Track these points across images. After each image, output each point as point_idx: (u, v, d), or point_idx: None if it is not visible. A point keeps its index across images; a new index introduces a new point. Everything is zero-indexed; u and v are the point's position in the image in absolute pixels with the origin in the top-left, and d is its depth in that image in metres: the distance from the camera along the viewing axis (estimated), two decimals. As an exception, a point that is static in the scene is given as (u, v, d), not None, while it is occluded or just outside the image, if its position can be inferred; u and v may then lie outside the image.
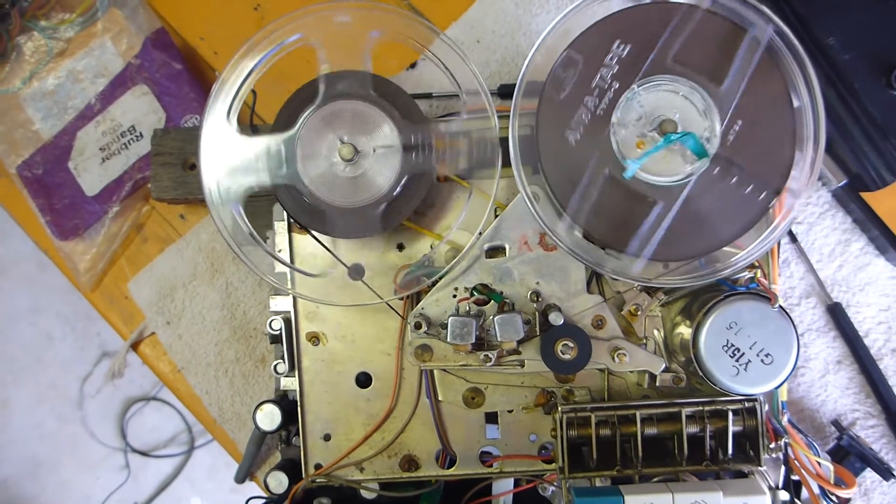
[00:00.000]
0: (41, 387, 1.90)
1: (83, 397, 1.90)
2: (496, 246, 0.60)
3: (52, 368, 1.90)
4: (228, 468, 1.89)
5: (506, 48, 0.72)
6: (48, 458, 1.90)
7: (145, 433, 1.90)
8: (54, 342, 1.89)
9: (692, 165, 0.55)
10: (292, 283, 0.61)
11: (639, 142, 0.55)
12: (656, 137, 0.54)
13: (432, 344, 0.59)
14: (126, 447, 1.90)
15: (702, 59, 0.54)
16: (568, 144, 0.55)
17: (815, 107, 0.54)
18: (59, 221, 0.75)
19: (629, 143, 0.55)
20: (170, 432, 1.90)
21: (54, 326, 1.89)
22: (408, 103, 0.58)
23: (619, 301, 0.60)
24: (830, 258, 0.69)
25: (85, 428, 1.90)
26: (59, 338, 1.89)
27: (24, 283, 1.87)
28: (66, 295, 1.87)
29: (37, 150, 0.75)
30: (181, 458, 1.91)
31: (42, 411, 1.90)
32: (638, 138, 0.55)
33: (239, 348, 0.73)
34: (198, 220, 0.75)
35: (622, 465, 0.57)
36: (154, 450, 1.91)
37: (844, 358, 0.69)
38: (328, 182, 0.57)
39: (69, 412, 1.90)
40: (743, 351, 0.54)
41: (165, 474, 1.91)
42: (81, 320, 1.88)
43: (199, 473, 1.91)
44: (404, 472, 0.62)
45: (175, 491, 1.91)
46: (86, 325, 1.88)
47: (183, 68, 0.74)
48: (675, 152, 0.55)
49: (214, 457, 1.90)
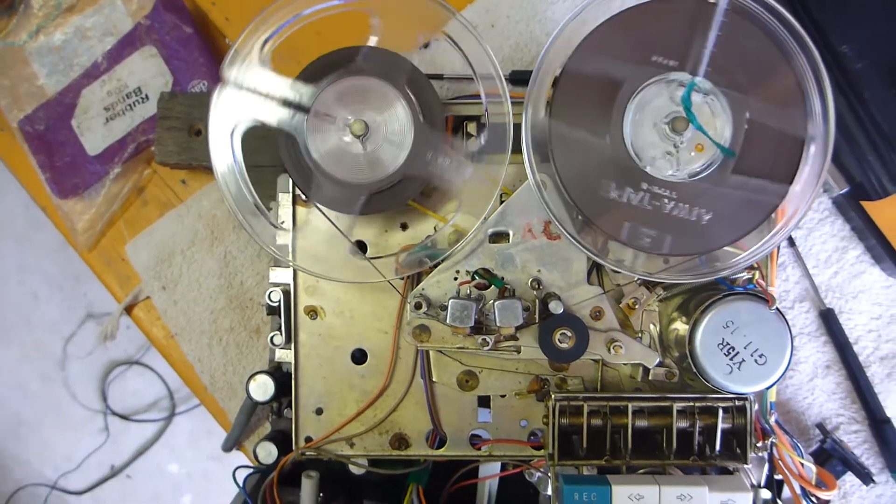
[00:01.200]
0: (26, 346, 1.89)
1: (67, 358, 1.89)
2: (500, 231, 0.60)
3: (37, 328, 1.89)
4: (209, 436, 1.89)
5: (520, 34, 0.72)
6: (30, 417, 1.90)
7: (127, 397, 1.90)
8: (40, 301, 1.88)
9: (699, 164, 0.55)
10: (293, 255, 0.61)
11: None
12: (668, 133, 0.55)
13: (431, 325, 0.59)
14: (107, 410, 1.90)
15: (729, 64, 0.54)
16: (580, 134, 0.55)
17: (827, 117, 0.54)
18: (59, 179, 0.74)
19: (641, 136, 0.55)
20: (151, 397, 1.91)
21: (41, 286, 1.88)
22: (435, 107, 0.58)
23: (617, 294, 0.61)
24: (827, 264, 0.70)
25: (67, 389, 1.90)
26: (46, 297, 1.88)
27: (14, 241, 1.86)
28: (54, 255, 1.86)
29: (40, 105, 0.74)
30: (161, 423, 1.91)
31: (26, 371, 1.90)
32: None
33: (234, 318, 0.73)
34: (200, 186, 0.74)
35: (611, 455, 0.57)
36: (134, 414, 1.91)
37: (833, 363, 0.70)
38: (334, 152, 0.57)
39: (52, 372, 1.90)
40: (738, 350, 0.55)
41: (145, 439, 1.91)
42: (69, 280, 1.87)
43: (179, 440, 1.91)
44: (394, 449, 0.62)
45: (153, 456, 1.91)
46: (73, 286, 1.87)
47: (193, 32, 0.73)
48: (685, 150, 0.55)
49: (195, 424, 1.91)
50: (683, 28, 0.54)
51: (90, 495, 1.90)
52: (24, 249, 1.87)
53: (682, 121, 0.54)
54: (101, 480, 1.90)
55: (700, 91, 0.54)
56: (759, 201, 0.55)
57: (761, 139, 0.55)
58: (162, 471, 1.92)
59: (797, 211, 0.56)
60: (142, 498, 1.92)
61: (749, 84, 0.54)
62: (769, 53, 0.54)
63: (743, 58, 0.54)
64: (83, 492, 1.90)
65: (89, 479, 1.90)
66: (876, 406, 0.69)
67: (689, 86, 0.54)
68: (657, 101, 0.55)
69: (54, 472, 1.90)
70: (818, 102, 0.55)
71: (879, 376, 0.70)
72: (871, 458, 0.70)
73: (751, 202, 0.55)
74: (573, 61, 0.55)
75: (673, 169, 0.55)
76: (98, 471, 1.91)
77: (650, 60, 0.55)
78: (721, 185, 0.55)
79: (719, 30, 0.54)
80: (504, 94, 0.57)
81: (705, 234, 0.55)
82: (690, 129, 0.54)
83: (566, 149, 0.55)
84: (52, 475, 1.90)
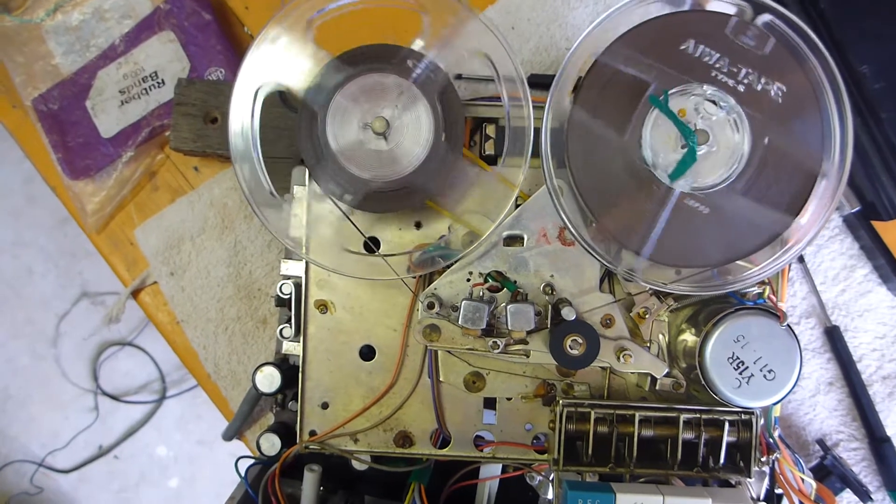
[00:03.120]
0: (17, 321, 1.88)
1: (59, 335, 1.88)
2: (514, 235, 0.60)
3: (30, 303, 1.88)
4: (197, 420, 1.89)
5: (540, 37, 0.72)
6: (18, 392, 1.89)
7: (117, 378, 1.90)
8: (35, 277, 1.87)
9: (716, 177, 0.55)
10: (307, 248, 0.61)
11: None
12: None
13: (441, 325, 0.59)
14: (97, 389, 1.89)
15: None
16: (599, 142, 0.55)
17: (845, 139, 0.55)
18: (71, 160, 0.74)
19: (659, 146, 0.55)
20: (142, 379, 1.90)
21: (37, 261, 1.87)
22: (458, 125, 0.58)
23: (628, 303, 0.61)
24: (834, 282, 0.70)
25: (58, 366, 1.89)
26: (41, 273, 1.87)
27: (11, 215, 1.85)
28: (51, 231, 1.85)
29: (55, 84, 0.74)
30: (151, 406, 1.91)
31: (16, 345, 1.89)
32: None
33: (241, 307, 0.73)
34: (212, 174, 0.74)
35: (615, 463, 0.58)
36: (125, 395, 1.90)
37: (836, 380, 0.70)
38: (351, 142, 0.57)
39: (43, 349, 1.89)
40: (747, 364, 0.55)
41: (134, 420, 1.91)
42: (65, 258, 1.86)
43: (168, 423, 1.91)
44: (398, 447, 0.63)
45: (142, 438, 1.91)
46: (69, 263, 1.86)
47: (212, 19, 0.73)
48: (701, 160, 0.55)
49: (184, 408, 1.90)
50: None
51: (77, 474, 1.90)
52: (21, 224, 1.85)
53: (702, 133, 0.55)
54: (88, 460, 1.90)
55: (724, 107, 0.55)
56: (773, 218, 0.55)
57: (778, 157, 0.55)
58: (150, 453, 1.92)
59: (811, 229, 0.56)
60: (128, 479, 1.92)
61: (772, 109, 0.54)
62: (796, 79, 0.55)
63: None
64: (70, 470, 1.89)
65: (76, 458, 1.90)
66: (876, 424, 0.69)
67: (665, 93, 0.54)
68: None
69: (41, 448, 1.89)
70: (838, 128, 0.55)
71: (881, 395, 0.70)
72: (870, 476, 0.70)
73: (764, 218, 0.55)
74: (602, 59, 0.55)
75: (687, 181, 0.55)
76: (86, 450, 1.90)
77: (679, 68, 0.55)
78: (735, 200, 0.55)
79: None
80: (525, 98, 0.57)
81: (714, 248, 0.56)
82: (707, 144, 0.55)
83: (584, 155, 0.55)
84: (38, 452, 1.89)
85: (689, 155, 0.54)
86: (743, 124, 0.55)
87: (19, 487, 1.88)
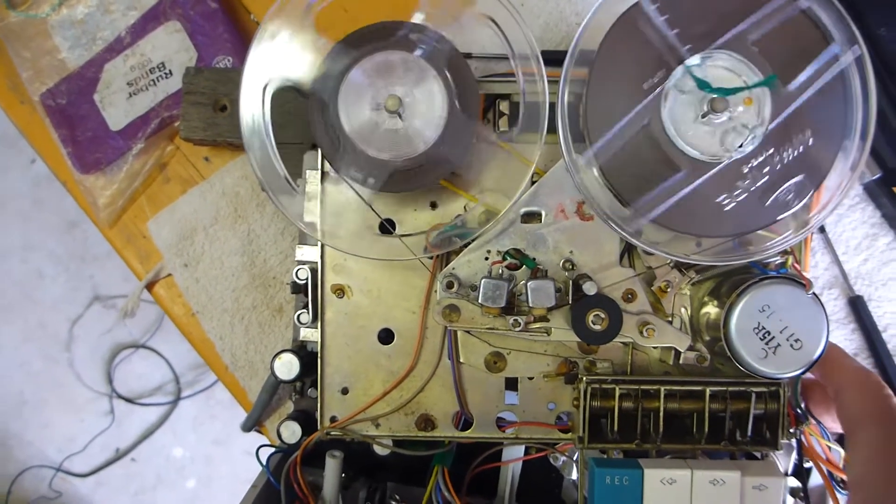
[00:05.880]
0: (29, 325, 1.89)
1: (72, 339, 1.89)
2: (532, 212, 0.59)
3: (41, 307, 1.88)
4: (213, 421, 1.89)
5: (549, 13, 0.71)
6: (33, 397, 1.90)
7: (132, 380, 1.90)
8: (45, 281, 1.88)
9: (725, 151, 0.54)
10: (322, 231, 0.60)
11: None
12: (705, 108, 0.54)
13: (460, 304, 0.58)
14: (112, 393, 1.89)
15: (780, 52, 0.54)
16: (616, 114, 0.54)
17: (868, 106, 0.54)
18: (81, 154, 0.73)
19: (678, 114, 0.54)
20: (156, 381, 1.90)
21: (46, 265, 1.88)
22: (471, 91, 0.57)
23: (649, 277, 0.60)
24: (856, 251, 0.69)
25: (72, 370, 1.89)
26: (51, 276, 1.88)
27: (19, 218, 1.85)
28: (60, 234, 1.85)
29: (62, 79, 0.73)
30: (166, 407, 1.91)
31: (29, 350, 1.89)
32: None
33: (257, 296, 0.72)
34: (223, 163, 0.73)
35: (641, 439, 0.57)
36: (140, 397, 1.91)
37: (861, 351, 0.70)
38: (365, 125, 0.56)
39: (57, 353, 1.89)
40: (773, 334, 0.54)
41: (149, 423, 1.91)
42: (74, 261, 1.86)
43: (184, 424, 1.91)
44: (420, 430, 0.62)
45: (158, 440, 1.91)
46: (79, 267, 1.86)
47: (218, 7, 0.72)
48: (720, 130, 0.54)
49: (199, 409, 1.91)
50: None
51: (94, 478, 1.90)
52: (29, 228, 1.86)
53: (720, 102, 0.54)
54: (105, 463, 1.90)
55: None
56: (794, 187, 0.55)
57: (799, 126, 0.54)
58: (166, 455, 1.92)
59: (833, 197, 0.55)
60: (146, 481, 1.92)
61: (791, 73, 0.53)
62: (813, 40, 0.54)
63: (789, 45, 0.54)
64: (88, 474, 1.90)
65: (93, 461, 1.90)
66: (903, 394, 0.68)
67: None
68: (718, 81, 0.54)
69: (57, 453, 1.90)
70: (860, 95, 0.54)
71: (907, 365, 0.69)
72: (897, 446, 0.69)
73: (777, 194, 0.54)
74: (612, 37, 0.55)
75: (710, 148, 0.54)
76: (102, 453, 1.91)
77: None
78: (755, 171, 0.54)
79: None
80: (540, 73, 0.56)
81: (735, 218, 0.55)
82: (727, 111, 0.54)
83: (603, 128, 0.54)
84: (55, 456, 1.90)
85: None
86: (765, 113, 0.54)
87: (38, 492, 1.89)
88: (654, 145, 0.54)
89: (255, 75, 0.56)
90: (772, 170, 0.54)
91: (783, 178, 0.54)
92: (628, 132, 0.54)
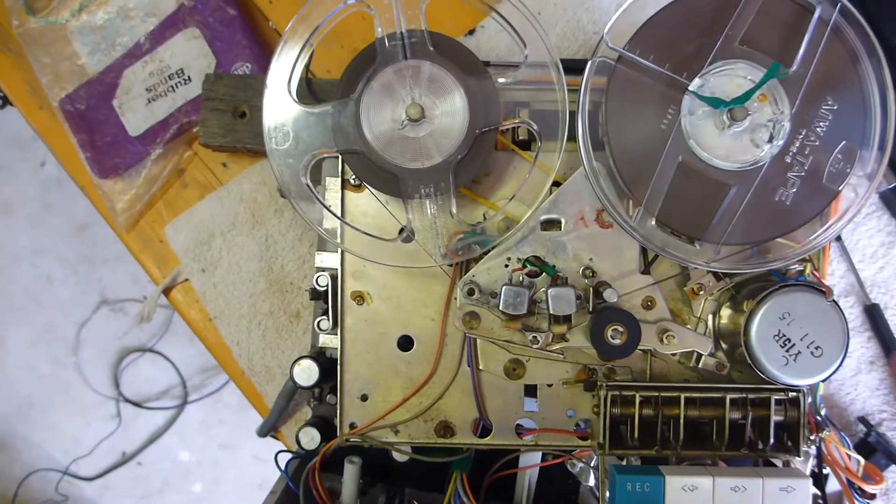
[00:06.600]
0: (38, 328, 1.89)
1: (79, 343, 1.89)
2: (552, 219, 0.60)
3: (49, 311, 1.88)
4: (220, 425, 1.89)
5: (566, 22, 0.71)
6: (40, 400, 1.90)
7: (139, 384, 1.90)
8: (54, 284, 1.88)
9: (761, 151, 0.55)
10: (342, 238, 0.60)
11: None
12: (726, 121, 0.54)
13: (480, 312, 0.59)
14: (119, 396, 1.89)
15: (770, 40, 0.54)
16: (637, 123, 0.55)
17: (887, 111, 0.54)
18: (100, 159, 0.74)
19: (698, 127, 0.55)
20: (163, 385, 1.90)
21: (55, 269, 1.88)
22: (491, 97, 0.57)
23: (683, 277, 0.60)
24: (873, 259, 0.70)
25: (79, 373, 1.89)
26: (60, 280, 1.88)
27: (28, 222, 1.85)
28: (69, 238, 1.85)
29: (81, 84, 0.74)
30: (173, 411, 1.91)
31: (37, 353, 1.89)
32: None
33: (274, 302, 0.73)
34: (241, 169, 0.74)
35: (661, 446, 0.57)
36: (146, 401, 1.90)
37: (878, 359, 0.70)
38: (393, 143, 0.56)
39: (64, 356, 1.89)
40: (794, 342, 0.54)
41: (156, 426, 1.91)
42: (83, 265, 1.87)
43: (190, 428, 1.91)
44: (439, 437, 0.62)
45: (165, 444, 1.91)
46: (87, 271, 1.87)
47: (237, 14, 0.73)
48: (747, 134, 0.55)
49: (206, 413, 1.90)
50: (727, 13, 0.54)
51: (101, 481, 1.90)
52: (39, 232, 1.86)
53: (740, 110, 0.54)
54: (112, 467, 1.90)
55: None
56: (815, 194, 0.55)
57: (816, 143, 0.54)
58: (173, 458, 1.92)
59: (852, 205, 0.56)
60: (152, 485, 1.92)
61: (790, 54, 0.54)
62: (795, 14, 0.54)
63: (785, 35, 0.54)
64: (94, 478, 1.90)
65: (100, 465, 1.90)
66: (920, 403, 0.68)
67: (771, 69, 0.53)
68: (724, 88, 0.55)
69: (64, 456, 1.90)
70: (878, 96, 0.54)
71: (924, 373, 0.69)
72: (914, 454, 0.69)
73: (808, 195, 0.55)
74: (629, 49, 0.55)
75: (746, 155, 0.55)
76: (109, 457, 1.90)
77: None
78: (782, 175, 0.54)
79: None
80: (560, 82, 0.57)
81: (801, 206, 0.55)
82: (748, 116, 0.54)
83: (622, 137, 0.55)
84: (62, 460, 1.90)
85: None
86: (782, 100, 0.54)
87: (44, 495, 1.89)
88: (696, 176, 0.55)
89: (278, 82, 0.56)
90: (813, 148, 0.54)
91: (827, 151, 0.54)
92: (666, 175, 0.55)
